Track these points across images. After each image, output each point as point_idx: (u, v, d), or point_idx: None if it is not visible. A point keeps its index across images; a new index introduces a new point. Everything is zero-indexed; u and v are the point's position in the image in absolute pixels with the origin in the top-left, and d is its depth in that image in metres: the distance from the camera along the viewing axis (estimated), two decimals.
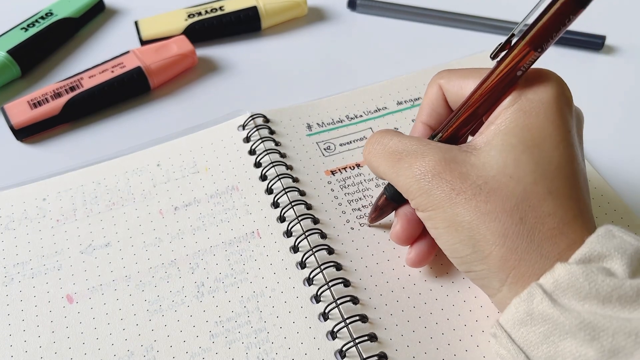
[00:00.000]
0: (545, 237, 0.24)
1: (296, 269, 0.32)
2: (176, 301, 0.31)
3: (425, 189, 0.26)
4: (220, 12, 0.46)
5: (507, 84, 0.26)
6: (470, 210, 0.25)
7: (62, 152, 0.39)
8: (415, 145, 0.27)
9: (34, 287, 0.32)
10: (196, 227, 0.34)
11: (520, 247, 0.24)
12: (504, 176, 0.25)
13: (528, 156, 0.25)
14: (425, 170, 0.26)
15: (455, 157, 0.26)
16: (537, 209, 0.24)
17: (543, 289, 0.23)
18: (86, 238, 0.34)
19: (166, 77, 0.43)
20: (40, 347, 0.29)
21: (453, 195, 0.25)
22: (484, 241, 0.25)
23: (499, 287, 0.25)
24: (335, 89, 0.43)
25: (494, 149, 0.25)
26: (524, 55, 0.25)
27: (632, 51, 0.46)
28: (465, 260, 0.26)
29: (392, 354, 0.29)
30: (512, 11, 0.49)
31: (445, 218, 0.26)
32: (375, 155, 0.29)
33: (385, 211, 0.33)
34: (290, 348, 0.29)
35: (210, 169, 0.37)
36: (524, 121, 0.25)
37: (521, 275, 0.24)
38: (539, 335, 0.23)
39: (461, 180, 0.25)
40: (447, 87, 0.30)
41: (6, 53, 0.43)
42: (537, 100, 0.25)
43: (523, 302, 0.24)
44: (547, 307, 0.23)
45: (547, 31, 0.24)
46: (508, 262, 0.24)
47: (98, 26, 0.49)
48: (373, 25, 0.49)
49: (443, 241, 0.27)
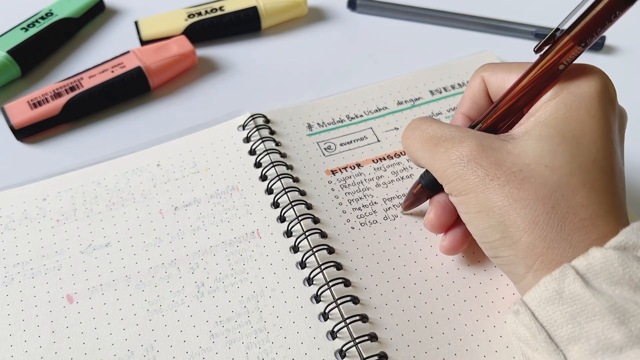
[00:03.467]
0: (576, 228, 0.24)
1: (296, 269, 0.32)
2: (176, 301, 0.31)
3: (460, 174, 0.26)
4: (220, 12, 0.46)
5: (549, 78, 0.26)
6: (502, 196, 0.25)
7: (62, 152, 0.39)
8: (454, 131, 0.28)
9: (34, 287, 0.32)
10: (196, 227, 0.34)
11: (550, 235, 0.24)
12: (539, 165, 0.25)
13: (565, 148, 0.25)
14: (461, 155, 0.26)
15: (492, 144, 0.26)
16: (569, 199, 0.24)
17: (576, 270, 0.23)
18: (86, 238, 0.34)
19: (166, 77, 0.43)
20: (40, 347, 0.29)
21: (487, 181, 0.25)
22: (513, 227, 0.25)
23: (524, 274, 0.25)
24: (335, 89, 0.43)
25: (532, 138, 0.26)
26: (567, 49, 0.25)
27: (632, 51, 0.46)
28: (494, 246, 0.26)
29: (392, 353, 0.29)
30: (512, 11, 0.49)
31: (478, 202, 0.26)
32: (413, 140, 0.29)
33: (420, 199, 0.33)
34: (291, 348, 0.29)
35: (210, 169, 0.37)
36: (564, 114, 0.25)
37: (548, 262, 0.24)
38: (565, 315, 0.23)
39: (496, 166, 0.25)
40: (490, 79, 0.30)
41: (6, 53, 0.43)
42: (578, 94, 0.26)
43: (554, 280, 0.24)
44: (578, 288, 0.23)
45: (593, 26, 0.24)
46: (536, 248, 0.24)
47: (98, 26, 0.49)
48: (373, 25, 0.49)
49: (473, 226, 0.27)
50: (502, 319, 0.30)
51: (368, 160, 0.38)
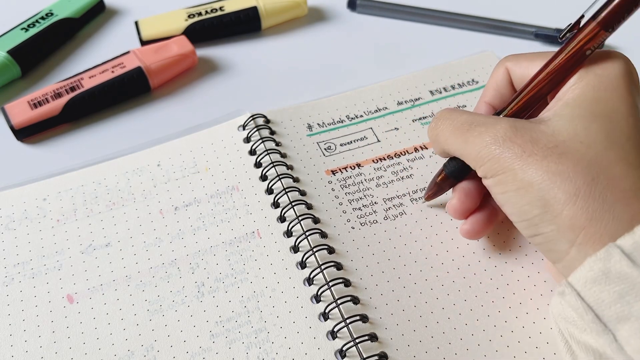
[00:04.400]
0: (617, 199, 0.24)
1: (296, 269, 0.32)
2: (176, 301, 0.31)
3: (496, 153, 0.26)
4: (221, 12, 0.46)
5: (575, 63, 0.26)
6: (541, 171, 0.25)
7: (62, 152, 0.39)
8: (485, 117, 0.28)
9: (34, 287, 0.32)
10: (196, 227, 0.34)
11: (592, 207, 0.24)
12: (575, 142, 0.25)
13: (599, 125, 0.25)
14: (496, 136, 0.27)
15: (525, 125, 0.26)
16: (608, 172, 0.24)
17: (621, 249, 0.23)
18: (86, 238, 0.34)
19: (166, 77, 0.43)
20: (40, 347, 0.29)
21: (525, 157, 0.25)
22: (554, 200, 0.25)
23: (568, 249, 0.25)
24: (335, 89, 0.43)
25: (563, 118, 0.26)
26: (594, 34, 0.25)
27: (632, 51, 0.46)
28: (534, 222, 0.26)
29: (392, 353, 0.29)
30: (512, 11, 0.49)
31: (516, 179, 0.26)
32: (443, 129, 0.30)
33: (443, 188, 0.33)
34: (291, 348, 0.29)
35: (210, 169, 0.37)
36: (593, 95, 0.26)
37: (591, 235, 0.24)
38: (613, 294, 0.23)
39: (532, 143, 0.26)
40: (514, 68, 0.30)
41: (6, 53, 0.43)
42: (605, 76, 0.26)
43: (599, 260, 0.23)
44: (625, 267, 0.23)
45: (620, 11, 0.25)
46: (579, 221, 0.24)
47: (98, 26, 0.49)
48: (373, 25, 0.49)
49: (511, 204, 0.27)
50: (503, 318, 0.30)
51: (368, 160, 0.38)
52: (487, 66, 0.43)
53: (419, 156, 0.38)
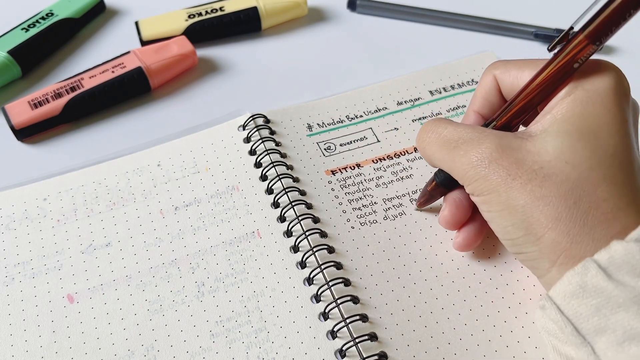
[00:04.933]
0: (598, 222, 0.24)
1: (296, 269, 0.32)
2: (177, 301, 0.31)
3: (482, 175, 0.26)
4: (221, 12, 0.46)
5: (564, 76, 0.26)
6: (525, 194, 0.25)
7: (62, 152, 0.39)
8: (471, 132, 0.28)
9: (34, 287, 0.32)
10: (196, 227, 0.34)
11: (573, 231, 0.24)
12: (560, 162, 0.25)
13: (584, 143, 0.25)
14: (482, 157, 0.27)
15: (511, 144, 0.26)
16: (591, 194, 0.24)
17: (598, 263, 0.24)
18: (87, 238, 0.34)
19: (166, 78, 0.43)
20: (41, 346, 0.30)
21: (509, 180, 0.26)
22: (537, 224, 0.25)
23: (549, 268, 0.25)
24: (335, 89, 0.43)
25: (550, 135, 0.26)
26: (582, 48, 0.25)
27: (632, 51, 0.46)
28: (517, 243, 0.26)
29: (392, 353, 0.29)
30: (512, 11, 0.49)
31: (500, 202, 0.26)
32: (430, 143, 0.29)
33: (434, 196, 0.33)
34: (291, 347, 0.29)
35: (210, 169, 0.37)
36: (581, 110, 0.26)
37: (572, 256, 0.24)
38: (591, 307, 0.23)
39: (517, 165, 0.26)
40: (502, 77, 0.30)
41: (7, 53, 0.43)
42: (593, 90, 0.26)
43: (577, 274, 0.24)
44: (601, 281, 0.23)
45: (608, 25, 0.24)
46: (560, 244, 0.25)
47: (98, 26, 0.49)
48: (373, 26, 0.49)
49: (496, 224, 0.27)
50: (502, 318, 0.30)
51: (368, 160, 0.38)
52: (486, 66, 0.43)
53: (418, 156, 0.38)
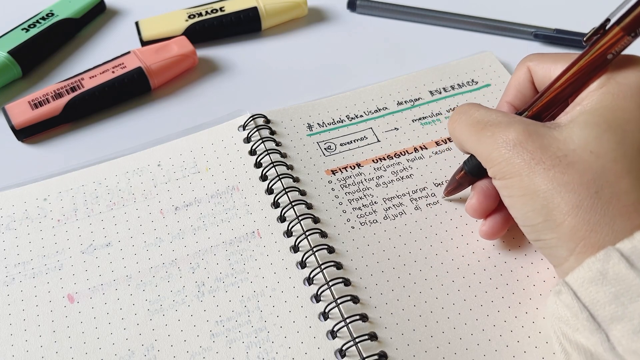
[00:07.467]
0: (618, 213, 0.24)
1: (296, 269, 0.32)
2: (177, 301, 0.31)
3: (506, 157, 0.26)
4: (221, 12, 0.46)
5: (597, 67, 0.26)
6: (547, 180, 0.25)
7: (62, 152, 0.39)
8: (501, 116, 0.28)
9: (35, 287, 0.32)
10: (197, 227, 0.34)
11: (593, 220, 0.24)
12: (585, 151, 0.25)
13: (611, 135, 0.25)
14: (507, 139, 0.27)
15: (538, 130, 0.27)
16: (613, 185, 0.24)
17: (621, 252, 0.24)
18: (87, 238, 0.34)
19: (167, 78, 0.43)
20: (41, 346, 0.30)
21: (532, 164, 0.26)
22: (557, 210, 0.25)
23: (567, 257, 0.25)
24: (335, 89, 0.43)
25: (577, 125, 0.26)
26: (617, 39, 0.25)
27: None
28: (536, 229, 0.26)
29: (392, 353, 0.29)
30: (512, 11, 0.49)
31: (522, 186, 0.26)
32: (460, 124, 0.30)
33: (463, 185, 0.33)
34: (291, 347, 0.29)
35: (210, 169, 0.37)
36: (611, 103, 0.26)
37: (590, 245, 0.24)
38: (609, 295, 0.23)
39: (542, 151, 0.26)
40: (536, 69, 0.30)
41: (7, 53, 0.43)
42: (625, 84, 0.26)
43: (598, 261, 0.24)
44: (623, 269, 0.23)
45: None
46: (579, 232, 0.25)
47: (99, 27, 0.49)
48: (373, 26, 0.49)
49: (516, 209, 0.27)
50: (502, 318, 0.30)
51: (368, 160, 0.38)
52: (486, 66, 0.43)
53: (418, 156, 0.38)
